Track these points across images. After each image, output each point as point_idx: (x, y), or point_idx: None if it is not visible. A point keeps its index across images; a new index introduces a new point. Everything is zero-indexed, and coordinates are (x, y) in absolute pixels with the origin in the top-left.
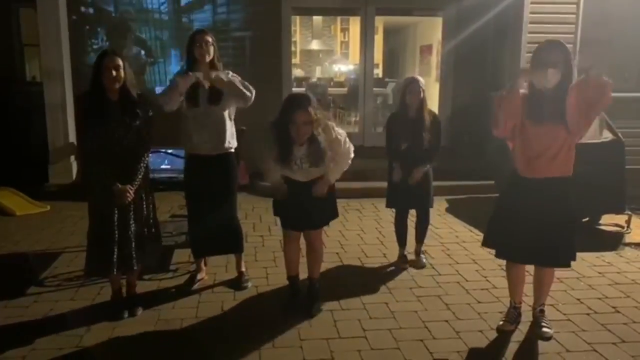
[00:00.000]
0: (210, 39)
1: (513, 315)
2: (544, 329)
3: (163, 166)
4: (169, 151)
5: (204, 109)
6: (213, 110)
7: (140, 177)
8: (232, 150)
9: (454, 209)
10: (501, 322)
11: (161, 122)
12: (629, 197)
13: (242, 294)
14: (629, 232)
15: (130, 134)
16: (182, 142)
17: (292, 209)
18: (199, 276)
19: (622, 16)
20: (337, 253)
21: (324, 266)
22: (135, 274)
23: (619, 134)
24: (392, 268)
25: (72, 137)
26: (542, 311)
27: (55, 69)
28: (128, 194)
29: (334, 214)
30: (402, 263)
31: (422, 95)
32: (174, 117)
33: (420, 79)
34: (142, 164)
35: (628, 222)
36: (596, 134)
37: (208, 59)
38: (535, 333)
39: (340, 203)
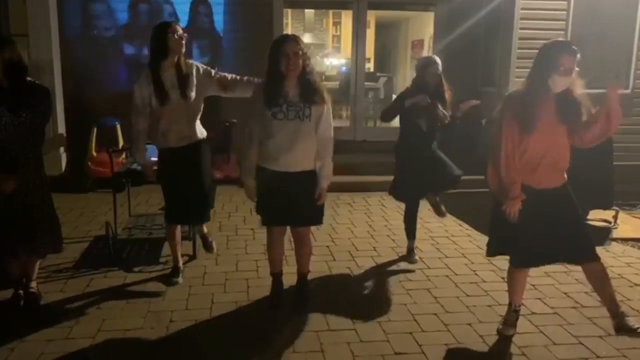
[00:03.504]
0: (181, 29)
1: (514, 318)
2: (627, 319)
3: (153, 158)
4: None
5: (176, 104)
6: (185, 103)
7: (27, 168)
8: (204, 137)
9: (443, 203)
10: (501, 326)
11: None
12: (617, 193)
13: (233, 287)
14: (616, 228)
15: (11, 125)
16: (153, 137)
17: (278, 203)
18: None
19: (613, 12)
20: (327, 246)
21: (314, 259)
22: (32, 264)
23: None
24: (382, 261)
25: (62, 129)
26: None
27: (44, 59)
28: (8, 183)
29: (321, 213)
30: (410, 257)
31: (440, 74)
32: None
33: (438, 59)
34: (25, 156)
35: (615, 217)
36: None
37: (183, 50)
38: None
39: (331, 197)
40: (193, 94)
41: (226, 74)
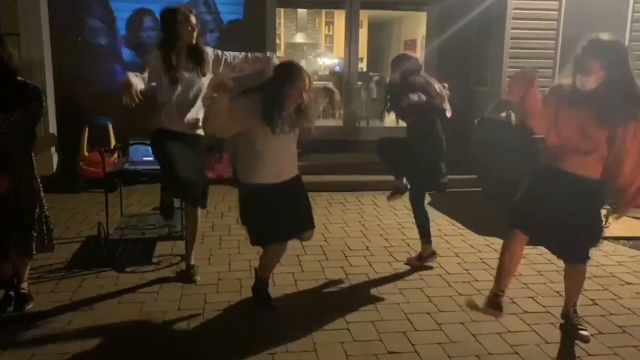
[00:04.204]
0: (194, 19)
1: (494, 303)
2: (582, 332)
3: (145, 158)
4: None
5: (186, 84)
6: (195, 85)
7: (18, 168)
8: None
9: (436, 203)
10: (481, 304)
11: (144, 114)
12: (608, 192)
13: (226, 287)
14: (608, 227)
15: (3, 125)
16: (156, 121)
17: (279, 217)
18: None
19: (604, 13)
20: (320, 246)
21: (308, 259)
22: (23, 265)
23: None
24: (375, 261)
25: (53, 129)
26: (576, 312)
27: (35, 58)
28: (1, 184)
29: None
30: (395, 192)
31: (395, 79)
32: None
33: (410, 55)
34: (17, 156)
35: (607, 217)
36: None
37: (194, 41)
38: (574, 337)
39: (324, 197)
40: (207, 72)
41: (233, 55)
